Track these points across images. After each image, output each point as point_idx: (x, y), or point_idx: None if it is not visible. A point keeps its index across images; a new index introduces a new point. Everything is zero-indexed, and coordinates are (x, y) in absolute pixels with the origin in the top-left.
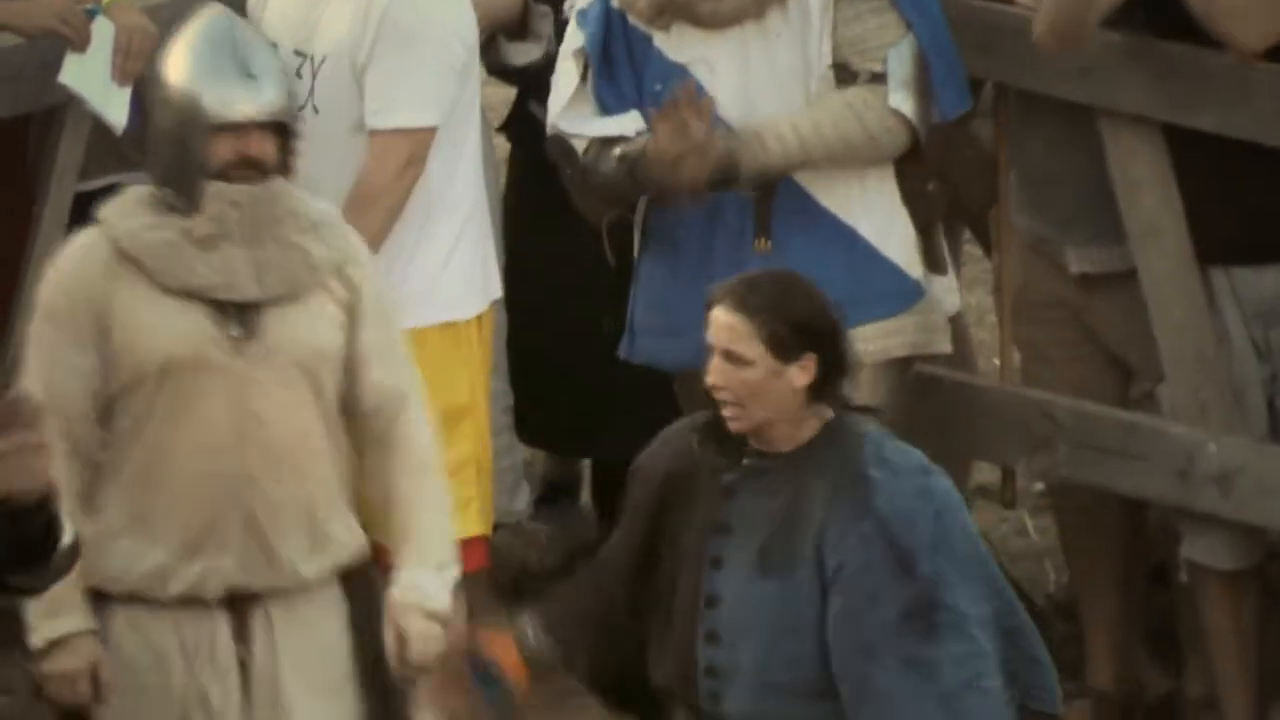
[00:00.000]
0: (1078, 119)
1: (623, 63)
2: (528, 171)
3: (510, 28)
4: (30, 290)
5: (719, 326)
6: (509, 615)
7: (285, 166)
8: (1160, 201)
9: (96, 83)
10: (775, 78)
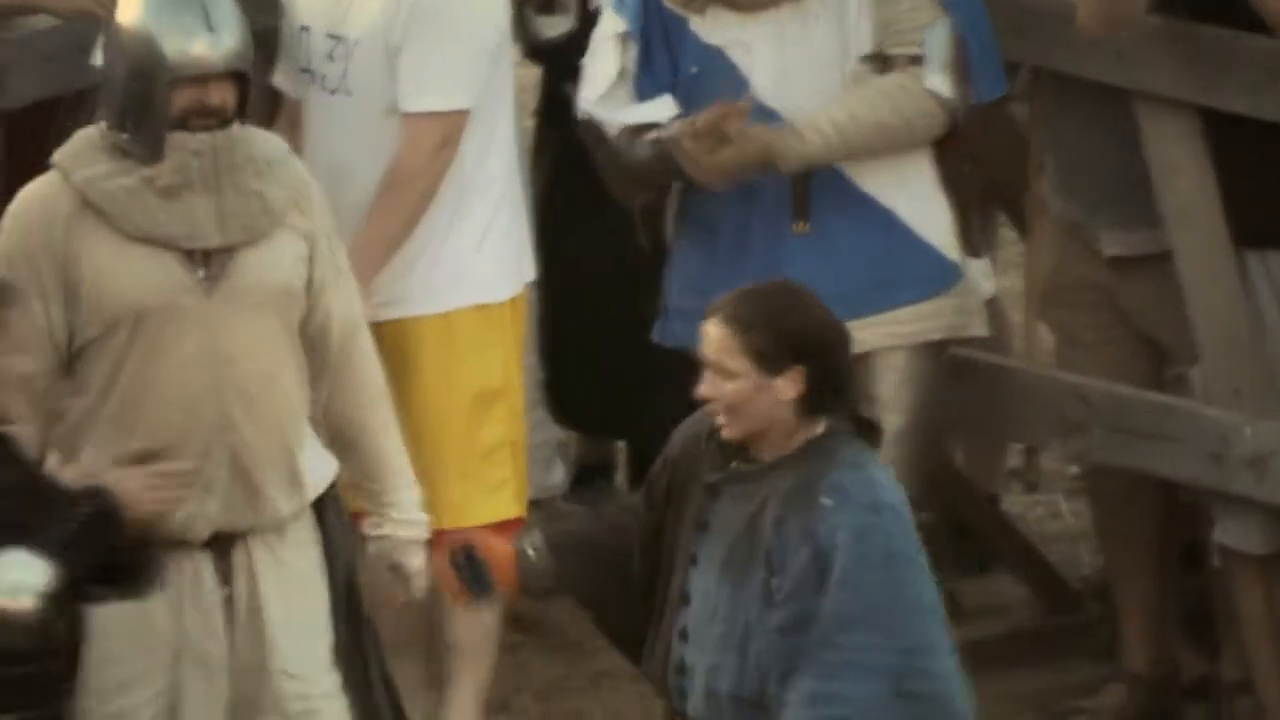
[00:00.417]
0: (1113, 102)
1: (659, 46)
2: (562, 154)
3: (537, 1)
4: None
5: (708, 339)
6: (543, 599)
7: (242, 113)
8: (1195, 184)
9: None
10: (812, 60)
